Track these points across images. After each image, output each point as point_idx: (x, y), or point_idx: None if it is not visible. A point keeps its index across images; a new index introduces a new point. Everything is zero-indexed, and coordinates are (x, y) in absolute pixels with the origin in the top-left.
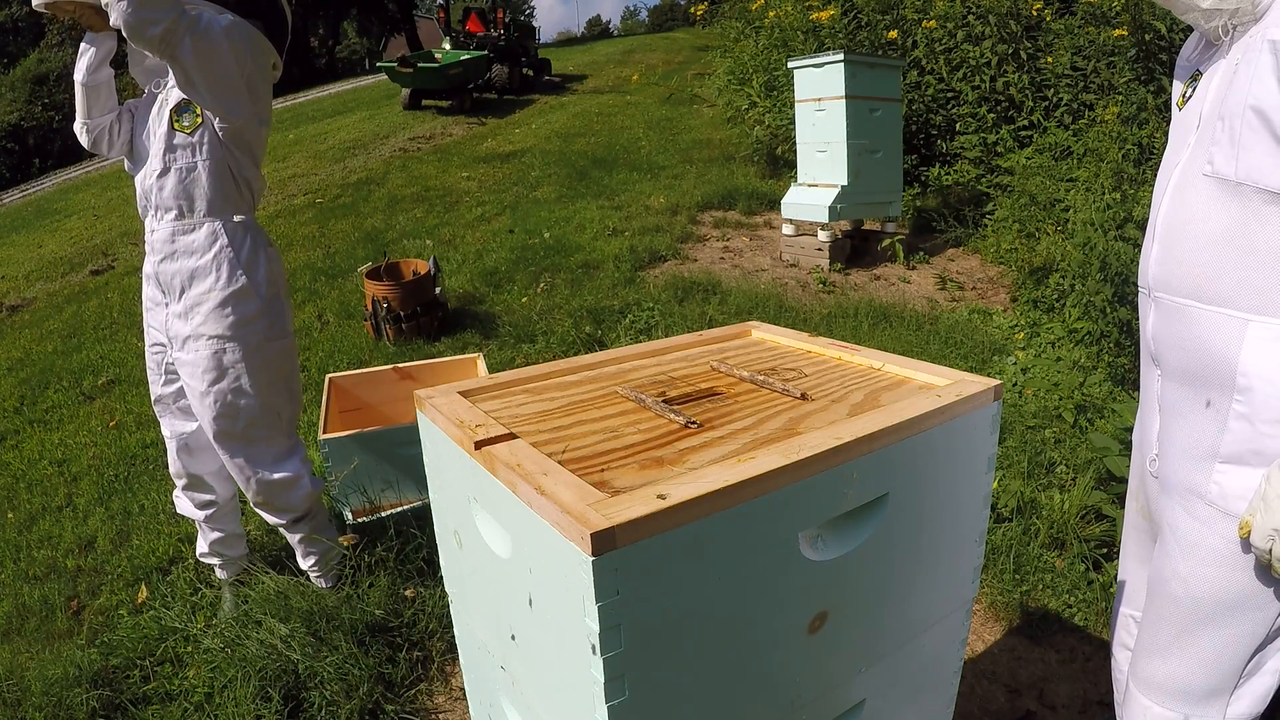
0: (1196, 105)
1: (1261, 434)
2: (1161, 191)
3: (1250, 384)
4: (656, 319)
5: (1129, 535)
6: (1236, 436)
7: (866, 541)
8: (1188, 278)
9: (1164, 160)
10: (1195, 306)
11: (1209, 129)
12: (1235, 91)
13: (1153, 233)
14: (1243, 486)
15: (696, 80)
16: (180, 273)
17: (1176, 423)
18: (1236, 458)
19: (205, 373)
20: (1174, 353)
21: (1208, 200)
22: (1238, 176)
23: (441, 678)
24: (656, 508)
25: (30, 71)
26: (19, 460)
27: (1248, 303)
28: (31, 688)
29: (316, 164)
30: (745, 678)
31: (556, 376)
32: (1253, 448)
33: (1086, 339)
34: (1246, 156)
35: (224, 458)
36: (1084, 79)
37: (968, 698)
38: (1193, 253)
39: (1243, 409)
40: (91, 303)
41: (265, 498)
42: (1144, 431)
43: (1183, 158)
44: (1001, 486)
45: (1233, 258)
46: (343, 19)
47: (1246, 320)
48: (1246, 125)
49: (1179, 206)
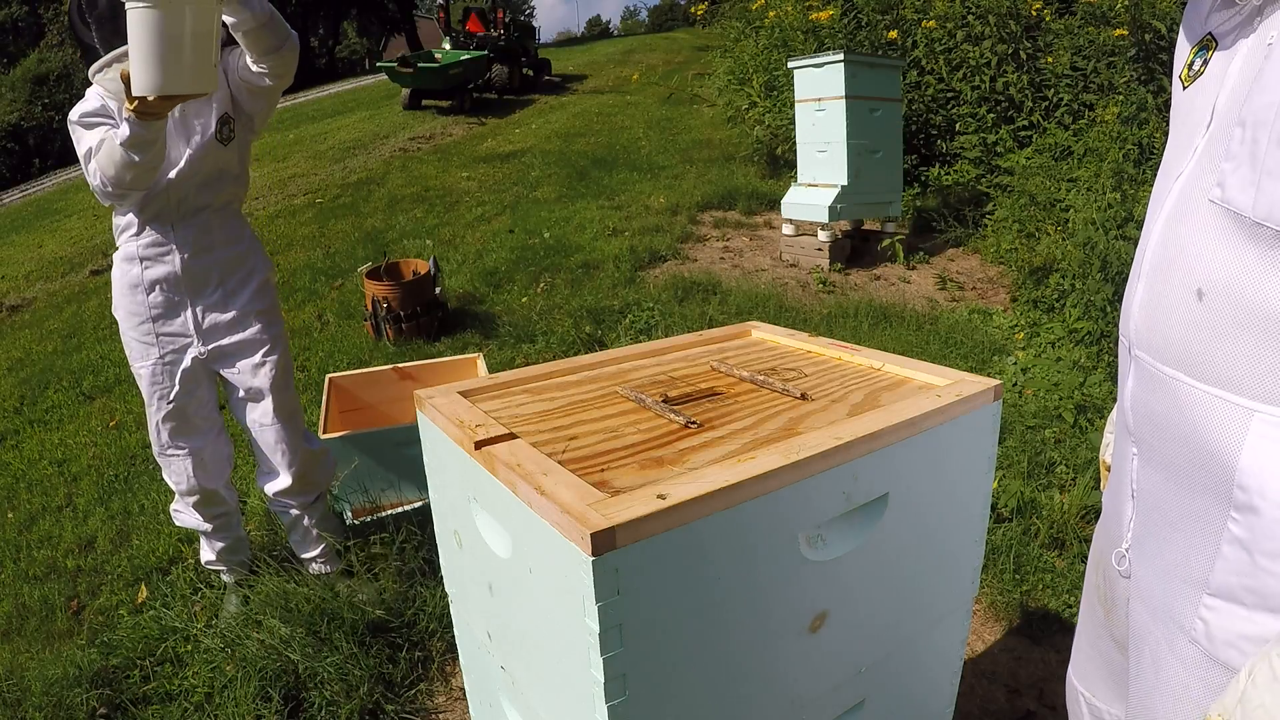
0: (1209, 92)
1: (1261, 568)
2: (1156, 212)
3: (1251, 501)
4: (656, 319)
5: (1085, 605)
6: (1230, 565)
7: (866, 541)
8: (1177, 341)
9: (1163, 164)
10: (1184, 382)
11: (1223, 135)
12: (1265, 89)
13: (1139, 267)
14: (1234, 631)
15: (696, 80)
16: (218, 264)
17: (1156, 526)
18: (1228, 593)
19: (260, 345)
20: (1155, 435)
21: (1212, 238)
22: (1256, 213)
23: (441, 678)
24: (656, 508)
25: (30, 71)
26: (19, 460)
27: (1255, 387)
28: (31, 688)
29: (316, 164)
30: (745, 677)
31: (556, 376)
32: (1249, 584)
33: (1086, 339)
34: (1273, 186)
35: (273, 433)
36: (1084, 79)
37: (968, 698)
38: (1185, 308)
39: (1240, 531)
40: (91, 303)
41: (304, 471)
42: (1113, 514)
43: (1185, 168)
44: (1001, 486)
45: (1239, 322)
46: (343, 19)
47: (1251, 411)
48: (1275, 140)
49: (1172, 240)
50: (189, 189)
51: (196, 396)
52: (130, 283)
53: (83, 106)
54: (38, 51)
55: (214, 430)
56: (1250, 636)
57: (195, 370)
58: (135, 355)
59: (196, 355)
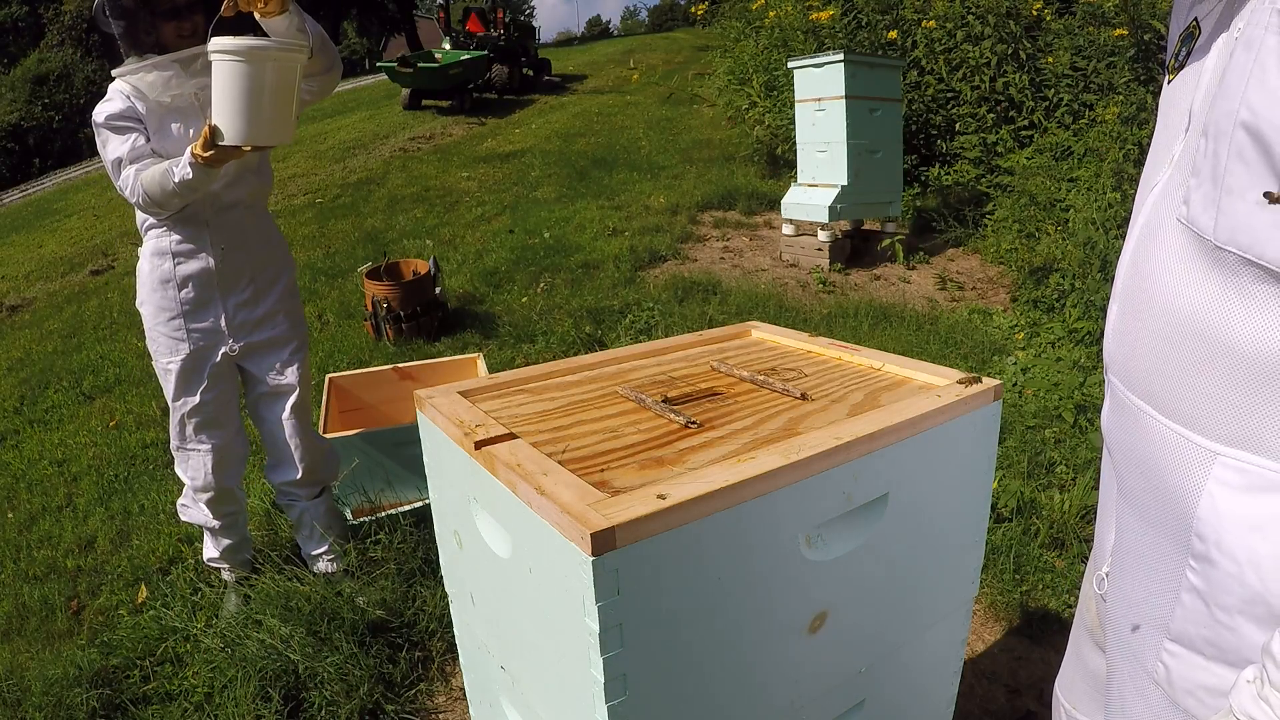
0: (1188, 89)
1: (1218, 621)
2: (1132, 225)
3: (1209, 552)
4: (656, 319)
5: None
6: (1189, 614)
7: (866, 541)
8: (1143, 371)
9: (1145, 168)
10: (1150, 415)
11: (1193, 142)
12: (1226, 94)
13: (1116, 286)
14: (1193, 681)
15: (696, 80)
16: (251, 262)
17: (1125, 558)
18: (1188, 641)
19: (289, 342)
20: (1124, 464)
21: (1178, 261)
22: (1218, 236)
23: (441, 678)
24: (656, 508)
25: (30, 71)
26: (19, 460)
27: (1217, 427)
28: (31, 688)
29: (316, 164)
30: (745, 677)
31: (556, 376)
32: (1206, 635)
33: (1086, 339)
34: (1233, 205)
35: (291, 427)
36: (1084, 79)
37: (968, 698)
38: (1152, 337)
39: (1198, 581)
40: (91, 303)
41: (314, 464)
42: (1100, 534)
43: (1161, 178)
44: (1001, 486)
45: (1203, 356)
46: (342, 19)
47: (1213, 454)
48: (1235, 153)
49: (1142, 261)
50: (219, 186)
51: (221, 392)
52: (161, 278)
53: (108, 108)
54: (38, 51)
55: (234, 427)
56: (1209, 688)
57: (223, 366)
58: (163, 350)
59: (227, 351)
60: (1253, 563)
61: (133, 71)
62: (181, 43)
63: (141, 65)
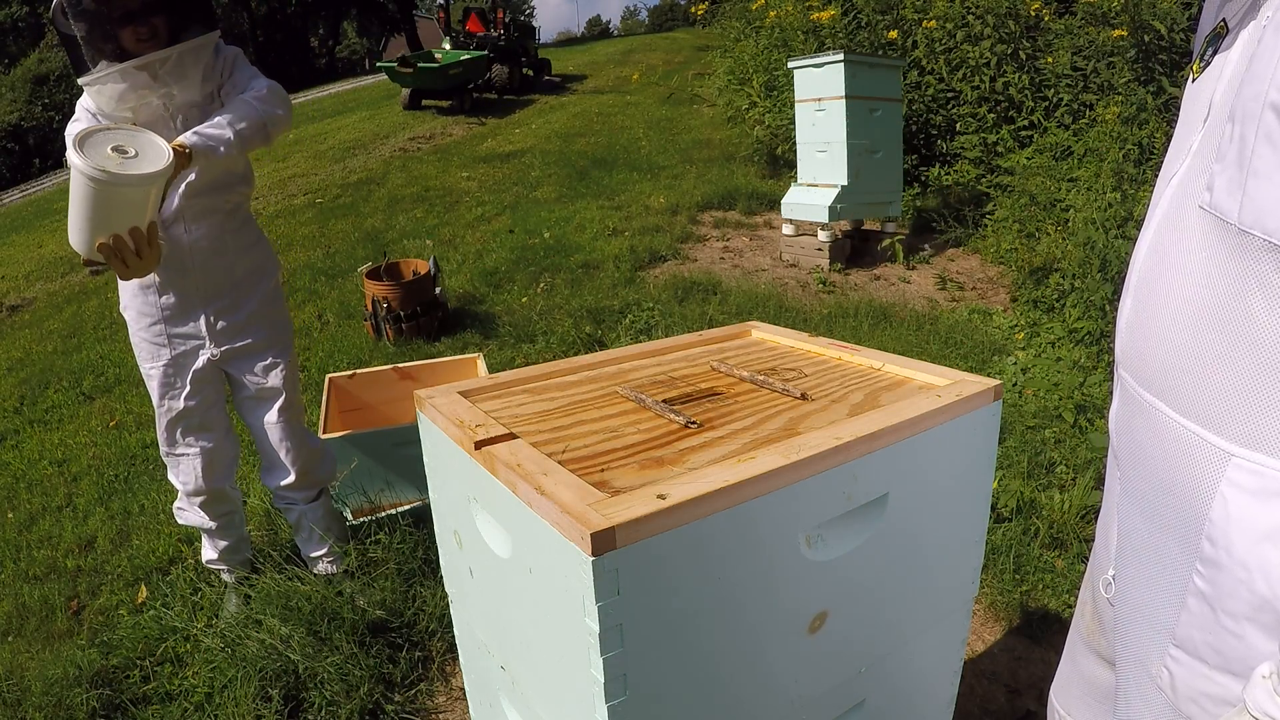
0: (1210, 84)
1: (1223, 627)
2: (1149, 218)
3: (1217, 556)
4: (656, 319)
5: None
6: (1194, 618)
7: (866, 541)
8: (1159, 366)
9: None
10: (1163, 412)
11: (1217, 132)
12: (1254, 77)
13: (1130, 279)
14: (1196, 689)
15: (696, 80)
16: (231, 267)
17: (1130, 560)
18: (1192, 647)
19: (272, 346)
20: (1132, 463)
21: (1199, 249)
22: (1242, 220)
23: (441, 678)
24: (656, 508)
25: (30, 71)
26: (19, 460)
27: (1235, 427)
28: (31, 688)
29: (316, 164)
30: (745, 678)
31: (556, 376)
32: (1211, 641)
33: (1086, 339)
34: (1260, 188)
35: (281, 430)
36: (1084, 79)
37: (968, 698)
38: (1169, 330)
39: (1205, 586)
40: (91, 303)
41: (308, 466)
42: (1102, 537)
43: (1179, 169)
44: (1001, 486)
45: (1224, 350)
46: (342, 19)
47: (1228, 455)
48: (1264, 136)
49: (1161, 251)
50: (198, 193)
51: (206, 396)
52: (142, 283)
53: (75, 128)
54: (38, 51)
55: (222, 429)
56: (1212, 696)
57: (206, 371)
58: (145, 356)
59: (210, 357)
60: (1263, 570)
61: (100, 80)
62: (141, 47)
63: (109, 73)
